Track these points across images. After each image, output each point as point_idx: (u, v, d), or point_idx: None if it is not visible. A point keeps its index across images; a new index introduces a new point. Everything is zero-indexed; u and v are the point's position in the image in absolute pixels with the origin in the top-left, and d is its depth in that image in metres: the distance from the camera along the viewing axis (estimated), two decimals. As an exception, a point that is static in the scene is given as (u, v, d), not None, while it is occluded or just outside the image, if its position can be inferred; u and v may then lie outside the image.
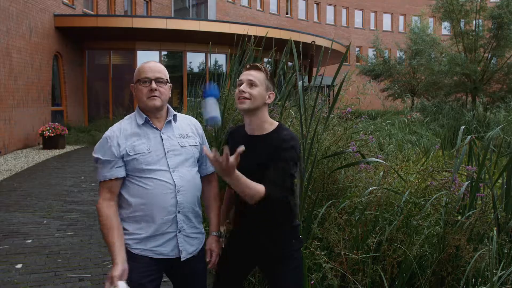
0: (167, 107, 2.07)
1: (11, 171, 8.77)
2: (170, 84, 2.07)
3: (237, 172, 1.71)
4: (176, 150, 2.00)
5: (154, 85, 1.95)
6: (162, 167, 1.94)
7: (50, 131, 11.87)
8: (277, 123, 2.02)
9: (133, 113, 2.05)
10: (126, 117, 2.07)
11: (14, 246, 4.43)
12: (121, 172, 1.94)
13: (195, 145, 2.07)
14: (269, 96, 1.99)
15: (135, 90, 2.01)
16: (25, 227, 5.10)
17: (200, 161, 2.13)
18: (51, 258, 4.13)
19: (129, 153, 1.93)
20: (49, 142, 11.98)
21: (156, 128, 2.00)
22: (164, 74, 2.01)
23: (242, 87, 1.95)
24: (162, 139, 1.99)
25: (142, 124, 1.99)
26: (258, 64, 2.01)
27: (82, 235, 4.82)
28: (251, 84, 1.95)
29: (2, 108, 10.68)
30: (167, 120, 2.04)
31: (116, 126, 2.02)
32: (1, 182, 7.73)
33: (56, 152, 11.69)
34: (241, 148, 1.64)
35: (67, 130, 12.51)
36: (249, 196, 1.79)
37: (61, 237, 4.74)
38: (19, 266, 3.93)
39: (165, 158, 1.96)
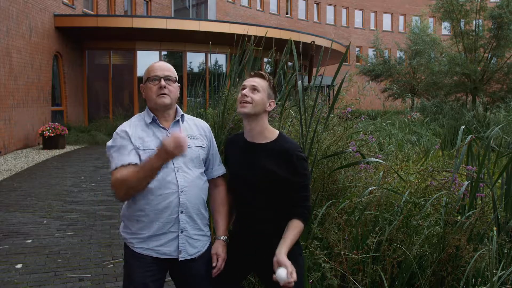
0: (176, 107, 2.08)
1: (11, 171, 8.77)
2: (179, 84, 2.07)
3: (285, 249, 1.89)
4: None
5: (163, 82, 1.97)
6: (166, 166, 1.93)
7: (50, 131, 11.87)
8: (277, 131, 2.06)
9: (143, 112, 2.07)
10: (135, 116, 2.09)
11: (14, 246, 4.43)
12: (136, 158, 1.92)
13: (201, 146, 2.07)
14: (269, 104, 2.04)
15: (145, 89, 2.02)
16: (25, 227, 5.10)
17: (207, 164, 2.13)
18: (51, 258, 4.13)
19: (139, 147, 1.94)
20: (49, 142, 11.97)
21: (163, 128, 2.01)
22: (173, 72, 2.03)
23: (244, 91, 2.01)
24: None
25: (150, 123, 2.01)
26: (262, 72, 2.08)
27: (82, 235, 4.82)
28: (254, 89, 2.01)
29: (2, 108, 10.68)
30: (175, 120, 2.05)
31: (126, 123, 2.05)
32: (1, 182, 7.73)
33: (56, 152, 11.69)
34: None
35: (67, 130, 12.51)
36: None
37: (61, 237, 4.74)
38: (19, 266, 3.93)
39: None
